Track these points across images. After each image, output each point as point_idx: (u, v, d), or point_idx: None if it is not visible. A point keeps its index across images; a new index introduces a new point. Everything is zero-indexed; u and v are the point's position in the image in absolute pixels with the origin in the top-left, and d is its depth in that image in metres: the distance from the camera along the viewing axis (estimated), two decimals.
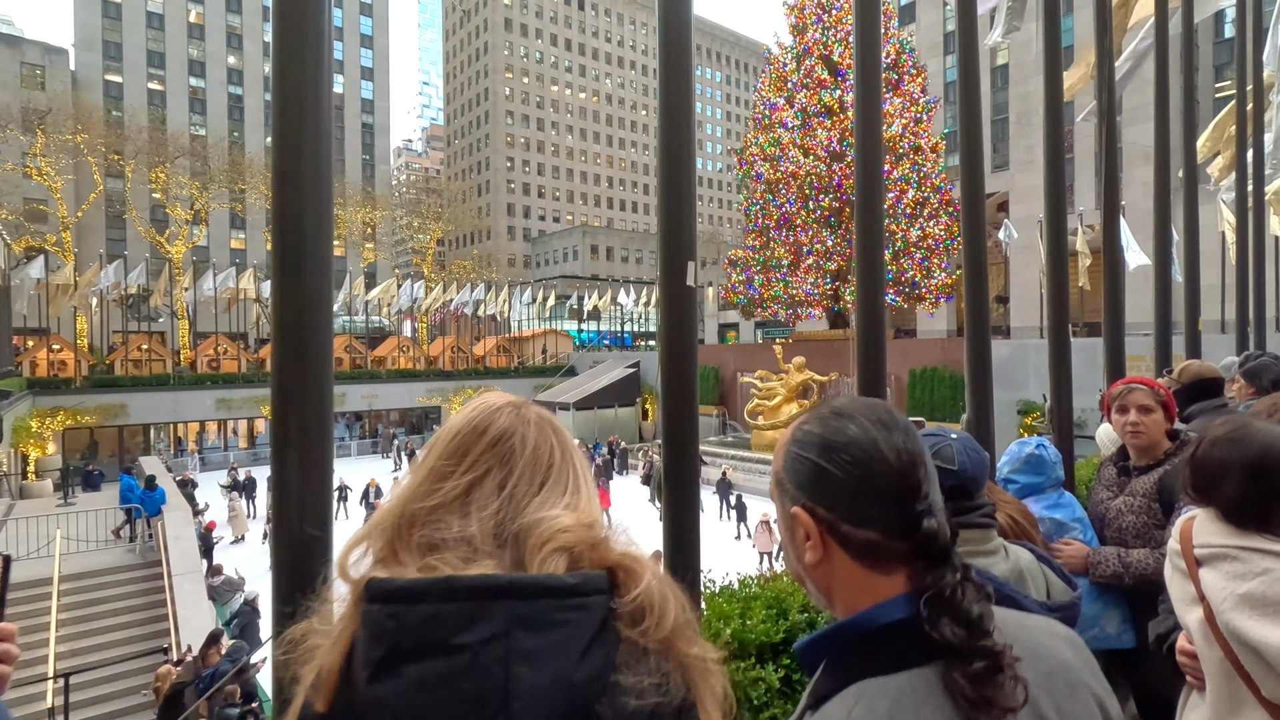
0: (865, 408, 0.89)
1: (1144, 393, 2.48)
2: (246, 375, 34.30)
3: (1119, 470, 2.64)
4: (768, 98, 32.14)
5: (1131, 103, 32.42)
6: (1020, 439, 2.52)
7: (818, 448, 0.86)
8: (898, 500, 0.82)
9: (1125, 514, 2.46)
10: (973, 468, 1.45)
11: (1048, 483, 2.48)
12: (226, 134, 59.01)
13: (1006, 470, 2.51)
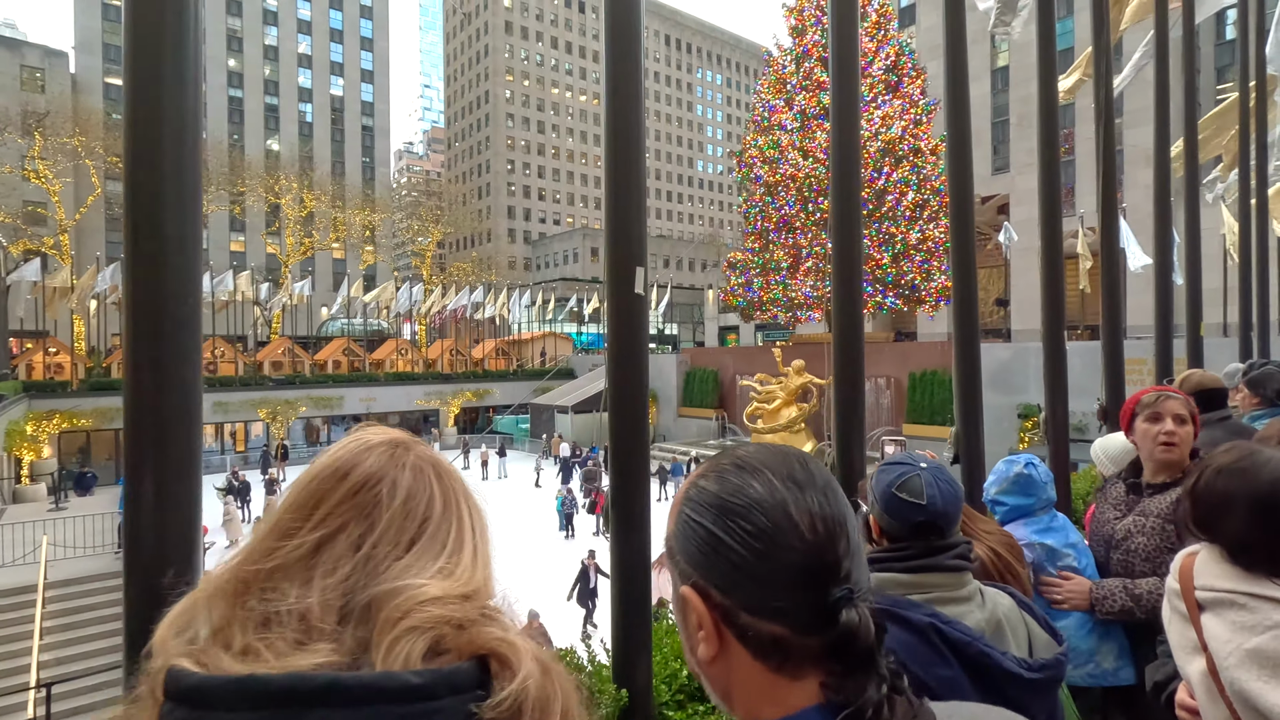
0: (776, 459, 0.71)
1: (1180, 402, 2.22)
2: (243, 378, 34.18)
3: (1129, 488, 2.40)
4: (767, 100, 32.02)
5: (1133, 104, 32.25)
6: (1008, 456, 2.34)
7: (713, 511, 0.68)
8: (811, 583, 0.64)
9: (1135, 535, 2.23)
10: (944, 502, 1.28)
11: (1038, 504, 2.28)
12: (226, 137, 59.02)
13: (993, 491, 2.33)
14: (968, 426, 2.81)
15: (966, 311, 2.85)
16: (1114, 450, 2.87)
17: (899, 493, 1.29)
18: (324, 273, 60.45)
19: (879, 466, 1.36)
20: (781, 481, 0.67)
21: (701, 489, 0.70)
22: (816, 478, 0.69)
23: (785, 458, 0.71)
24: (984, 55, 39.04)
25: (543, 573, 17.03)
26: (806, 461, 0.71)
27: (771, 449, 0.73)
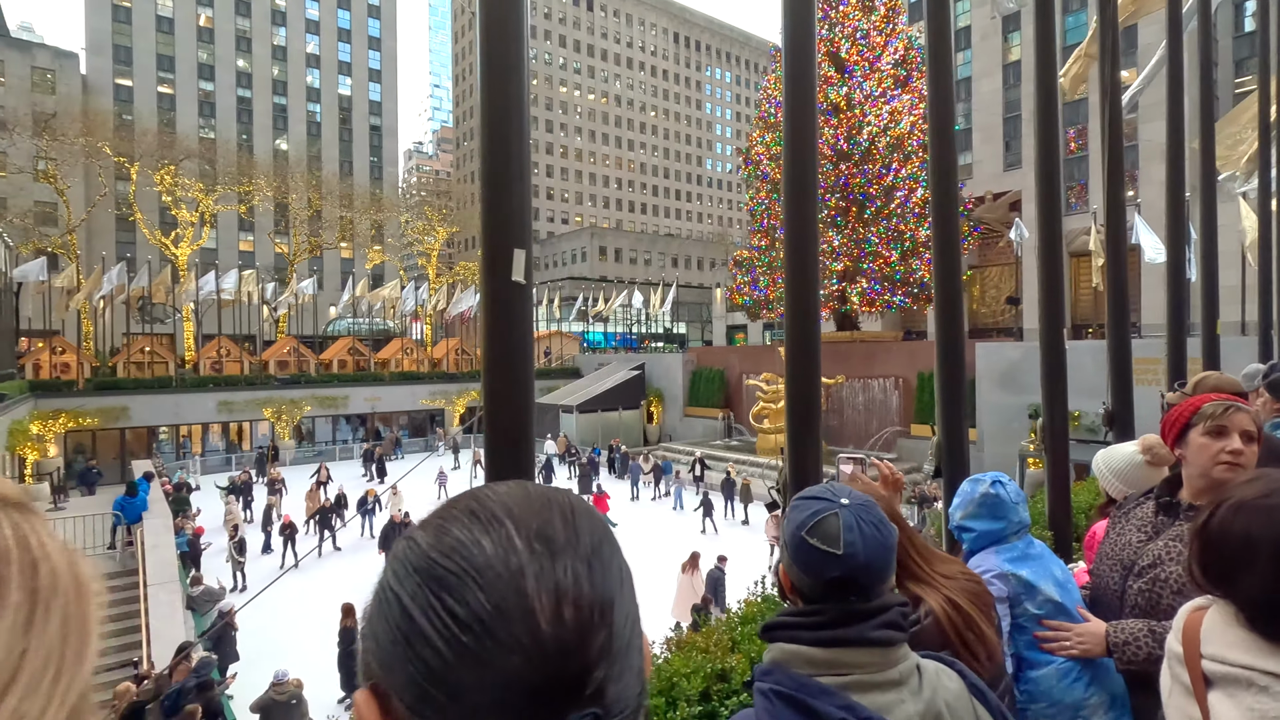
0: (529, 504, 0.50)
1: (1249, 416, 1.85)
2: (249, 378, 34.18)
3: (1161, 507, 2.01)
4: (773, 96, 31.64)
5: (1149, 98, 31.53)
6: (973, 476, 2.04)
7: (416, 579, 0.47)
8: (536, 706, 0.43)
9: (1166, 563, 1.86)
10: (868, 551, 0.98)
11: (1009, 529, 1.97)
12: (235, 137, 59.25)
13: (958, 516, 2.02)
14: (951, 436, 2.49)
15: (950, 311, 2.56)
16: (1117, 462, 2.56)
17: (810, 538, 1.00)
18: (332, 272, 60.57)
19: (792, 501, 1.06)
20: (526, 540, 0.47)
21: (412, 543, 0.49)
22: (582, 538, 0.49)
23: (544, 505, 0.51)
24: (995, 50, 38.44)
25: None
26: (575, 512, 0.51)
27: (532, 490, 0.53)
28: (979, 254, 39.25)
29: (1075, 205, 35.10)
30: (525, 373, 1.51)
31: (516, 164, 1.48)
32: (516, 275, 1.41)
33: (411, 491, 23.51)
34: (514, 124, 1.50)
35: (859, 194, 28.83)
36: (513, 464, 1.50)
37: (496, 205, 1.47)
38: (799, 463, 2.03)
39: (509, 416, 1.50)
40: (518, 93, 1.50)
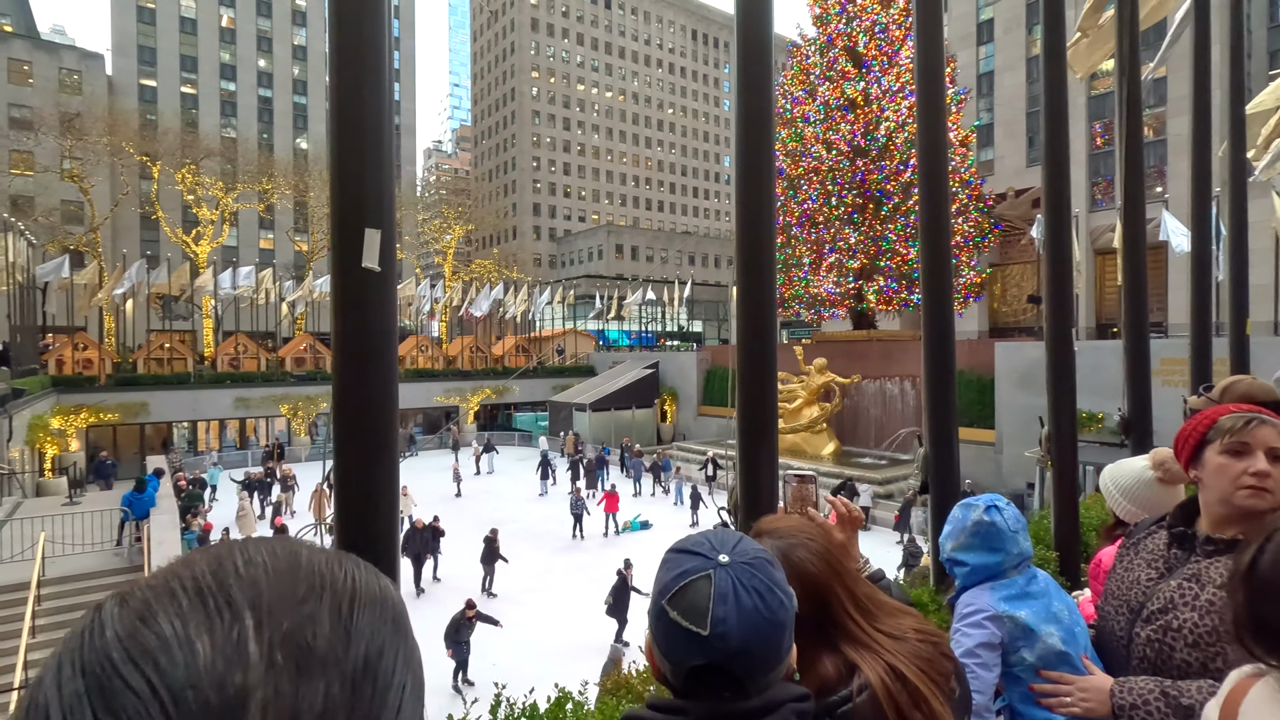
0: (280, 584, 0.36)
1: (1276, 430, 1.53)
2: (265, 374, 34.47)
3: (1175, 539, 1.67)
4: (790, 91, 31.22)
5: (1177, 91, 30.66)
6: (965, 500, 1.76)
7: (74, 692, 0.32)
8: None
9: (1180, 608, 1.52)
10: (744, 630, 0.74)
11: (1007, 562, 1.70)
12: (256, 136, 59.92)
13: (949, 547, 1.75)
14: (939, 447, 2.23)
15: (938, 304, 2.30)
16: (1126, 479, 2.27)
17: (671, 609, 0.76)
18: None
19: (665, 553, 0.83)
20: (267, 647, 0.33)
21: (96, 625, 0.35)
22: (354, 646, 0.36)
23: (314, 588, 0.37)
24: (1018, 44, 37.61)
25: (545, 576, 16.61)
26: (358, 601, 0.38)
27: (308, 559, 0.39)
28: (1000, 252, 38.46)
29: (1102, 201, 34.25)
30: (383, 373, 1.29)
31: (373, 134, 1.26)
32: (369, 260, 1.19)
33: (423, 489, 23.45)
34: (369, 92, 1.28)
35: (876, 190, 28.32)
36: (371, 481, 1.29)
37: (348, 180, 1.26)
38: (751, 479, 1.78)
39: (365, 425, 1.28)
40: (374, 57, 1.28)
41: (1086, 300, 33.37)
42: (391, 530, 1.33)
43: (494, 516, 21.76)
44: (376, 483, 1.27)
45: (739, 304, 1.98)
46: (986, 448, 23.23)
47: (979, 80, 39.88)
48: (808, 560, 0.99)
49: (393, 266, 1.29)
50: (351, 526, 1.28)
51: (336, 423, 1.30)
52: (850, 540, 1.31)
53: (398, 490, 1.31)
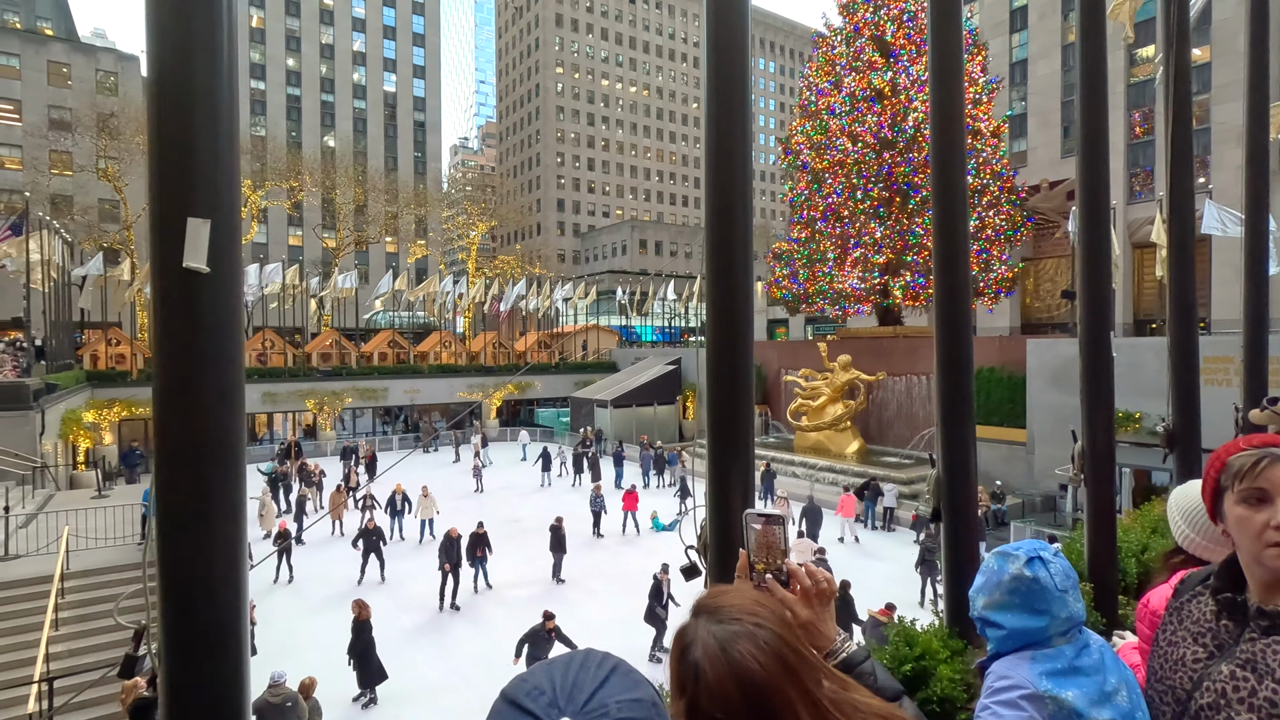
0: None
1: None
2: (292, 369, 34.93)
3: (1224, 607, 1.31)
4: (815, 83, 30.61)
5: (1223, 78, 29.39)
6: (1000, 548, 1.45)
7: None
8: None
9: (1234, 705, 1.19)
10: None
11: (1053, 627, 1.37)
12: (285, 134, 60.81)
13: (980, 603, 1.45)
14: (954, 467, 1.95)
15: (954, 308, 2.03)
16: (1190, 502, 1.93)
17: None
18: (377, 266, 61.67)
19: (496, 700, 0.58)
20: None
21: None
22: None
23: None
24: (1053, 31, 36.42)
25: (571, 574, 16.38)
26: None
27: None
28: (1034, 245, 37.40)
29: (1140, 193, 33.06)
30: (224, 407, 1.05)
31: (204, 93, 1.02)
32: (191, 258, 0.96)
33: (441, 487, 23.49)
34: (198, 38, 1.04)
35: (903, 183, 27.62)
36: (191, 493, 1.06)
37: (167, 149, 1.01)
38: (722, 513, 1.50)
39: (179, 426, 1.05)
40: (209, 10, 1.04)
41: (1124, 295, 32.26)
42: (234, 584, 1.09)
43: (514, 514, 21.73)
44: (213, 507, 1.04)
45: (709, 306, 1.71)
46: (1018, 448, 22.56)
47: (1011, 69, 38.75)
48: (751, 656, 0.75)
49: (235, 265, 1.06)
50: (177, 570, 1.06)
51: (158, 449, 1.08)
52: (820, 616, 1.05)
53: (245, 479, 1.11)
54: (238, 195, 1.07)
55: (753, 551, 1.08)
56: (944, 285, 2.06)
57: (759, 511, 1.11)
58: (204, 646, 1.13)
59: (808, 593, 1.06)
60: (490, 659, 11.62)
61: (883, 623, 10.69)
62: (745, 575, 1.10)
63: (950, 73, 2.33)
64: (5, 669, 10.11)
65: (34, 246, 23.67)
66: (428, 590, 14.67)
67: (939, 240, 2.13)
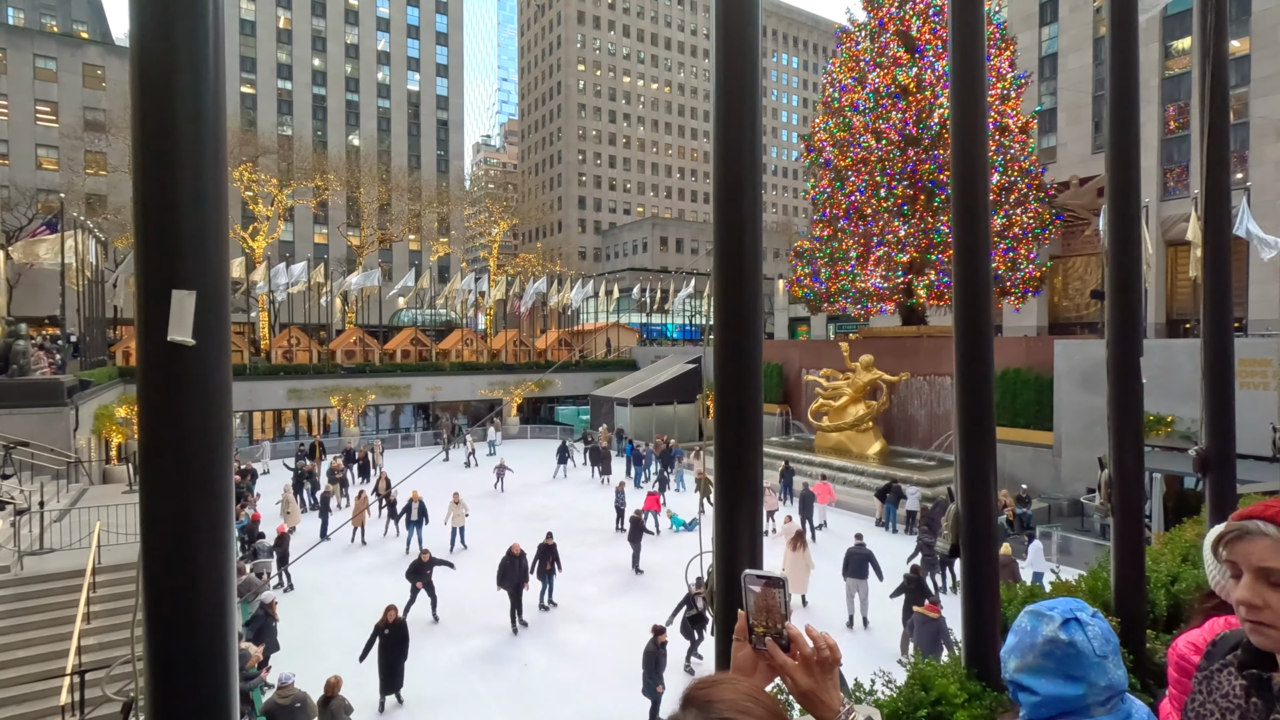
0: None
1: (1272, 544, 1.13)
2: (317, 366, 35.43)
3: (1252, 684, 1.21)
4: (839, 79, 30.22)
5: (1262, 70, 28.49)
6: (1034, 607, 1.35)
7: None
8: None
9: None
10: None
11: (1091, 696, 1.28)
12: (310, 133, 61.65)
13: (1012, 666, 1.36)
14: (973, 501, 1.87)
15: (976, 315, 1.95)
16: None
17: None
18: (400, 264, 62.32)
19: None
20: None
21: None
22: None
23: None
24: (1084, 24, 35.58)
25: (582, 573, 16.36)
26: None
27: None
28: (1063, 243, 36.61)
29: (1174, 190, 32.20)
30: (210, 503, 0.99)
31: (189, 152, 0.98)
32: (176, 331, 0.93)
33: (465, 488, 23.64)
34: (184, 90, 0.99)
35: (928, 181, 27.18)
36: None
37: (151, 211, 0.96)
38: (731, 541, 1.42)
39: (180, 586, 1.00)
40: (197, 57, 1.00)
41: (1156, 295, 31.46)
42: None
43: (540, 512, 21.84)
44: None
45: (716, 313, 1.65)
46: (1044, 450, 22.13)
47: (1041, 63, 37.93)
48: None
49: (225, 334, 1.02)
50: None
51: (146, 535, 1.04)
52: (821, 684, 1.00)
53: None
54: (226, 264, 1.04)
55: (751, 614, 1.04)
56: (964, 296, 1.99)
57: (758, 573, 1.06)
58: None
59: (808, 659, 1.01)
60: (579, 688, 10.89)
61: (931, 618, 10.47)
62: (744, 638, 1.06)
63: (972, 74, 2.26)
64: (40, 660, 10.38)
65: (69, 245, 24.26)
66: (475, 605, 13.84)
67: (959, 246, 2.06)
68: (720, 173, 1.67)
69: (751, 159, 1.68)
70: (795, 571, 13.40)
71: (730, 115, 1.66)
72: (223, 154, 1.04)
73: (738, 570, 1.39)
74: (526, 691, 10.86)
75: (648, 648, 9.65)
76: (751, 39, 1.71)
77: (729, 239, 1.59)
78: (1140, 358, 2.26)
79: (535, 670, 11.52)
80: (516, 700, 10.63)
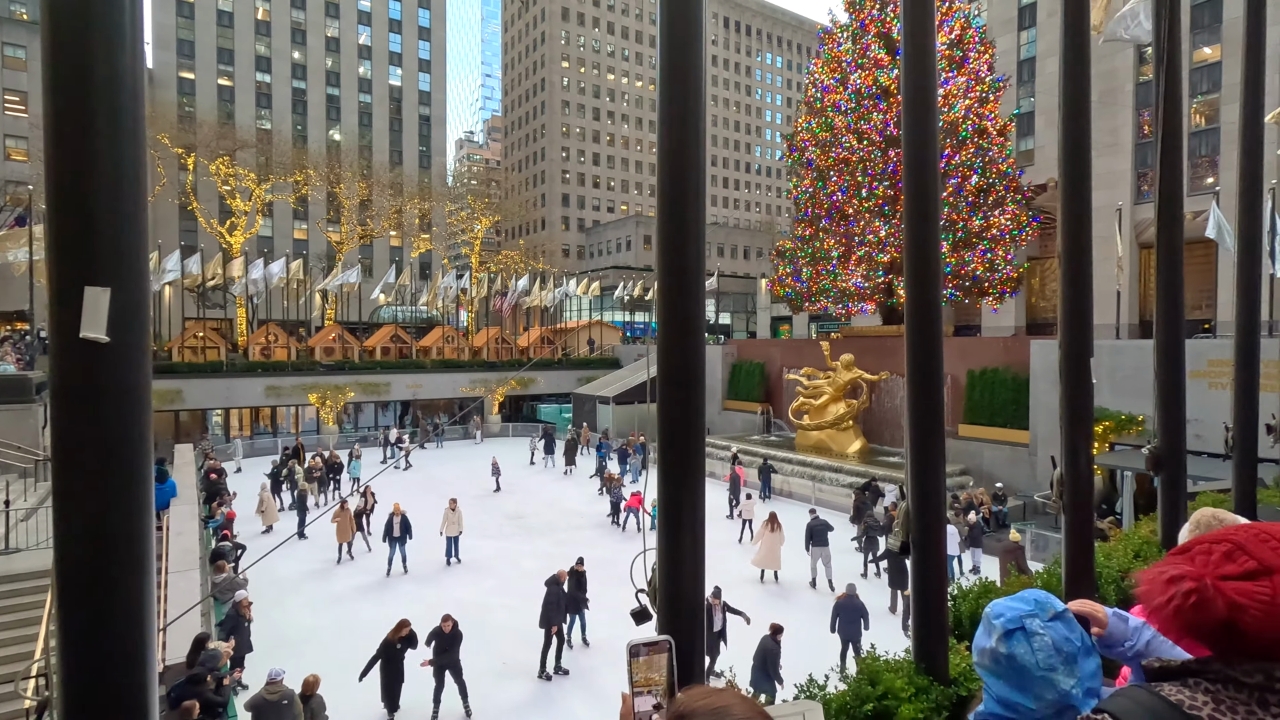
0: None
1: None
2: (295, 363, 35.02)
3: None
4: (821, 80, 30.40)
5: (1232, 76, 29.06)
6: (990, 607, 1.30)
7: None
8: None
9: None
10: None
11: (1041, 709, 1.22)
12: (290, 127, 60.84)
13: (975, 658, 1.35)
14: (924, 500, 1.89)
15: (924, 305, 1.97)
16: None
17: None
18: (381, 261, 61.75)
19: None
20: None
21: None
22: None
23: None
24: (1058, 29, 36.08)
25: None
26: None
27: None
28: (1039, 244, 37.13)
29: (1147, 194, 32.78)
30: (129, 504, 0.97)
31: (107, 143, 0.94)
32: (89, 328, 0.90)
33: (458, 489, 23.46)
34: (98, 73, 0.96)
35: None
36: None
37: (65, 205, 0.93)
38: (674, 549, 1.41)
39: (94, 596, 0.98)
40: (114, 51, 0.97)
41: (1130, 296, 32.02)
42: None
43: (522, 509, 21.78)
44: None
45: (659, 326, 1.61)
46: (1021, 449, 22.46)
47: (1020, 66, 38.43)
48: None
49: (145, 332, 0.99)
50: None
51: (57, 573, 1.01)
52: None
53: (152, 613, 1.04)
54: (145, 259, 1.00)
55: (635, 682, 1.02)
56: (915, 301, 2.01)
57: (643, 641, 1.05)
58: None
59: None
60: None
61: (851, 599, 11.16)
62: (630, 718, 1.03)
63: (923, 84, 2.28)
64: (6, 662, 10.17)
65: (39, 238, 23.75)
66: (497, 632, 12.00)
67: (911, 254, 2.08)
68: (665, 178, 1.66)
69: (695, 164, 1.67)
70: (771, 549, 14.81)
71: (674, 123, 1.65)
72: (142, 145, 1.00)
73: (682, 567, 1.38)
74: None
75: (764, 644, 9.28)
76: (695, 57, 1.70)
77: (671, 251, 1.58)
78: (1091, 358, 2.31)
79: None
80: None
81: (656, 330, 1.57)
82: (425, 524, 17.13)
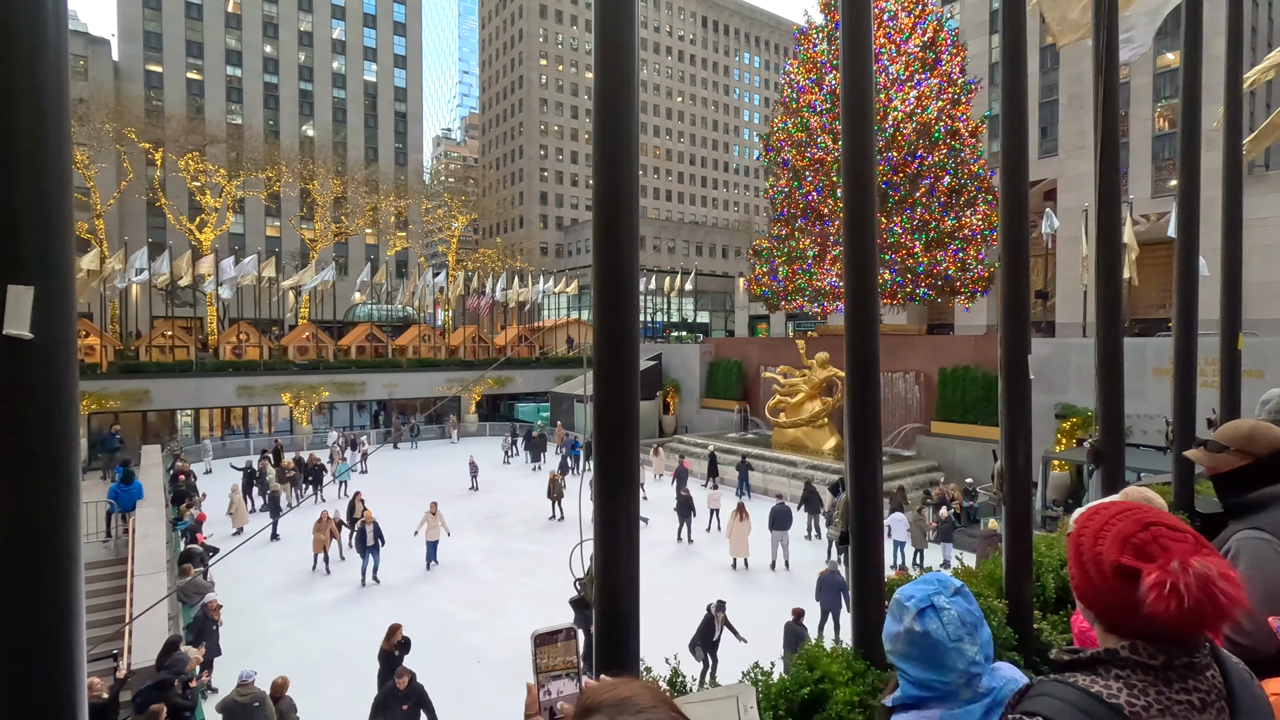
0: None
1: None
2: (268, 363, 34.49)
3: None
4: (796, 80, 30.68)
5: (1207, 79, 29.85)
6: (898, 594, 1.40)
7: None
8: None
9: None
10: None
11: (955, 680, 1.32)
12: (262, 123, 59.82)
13: (888, 648, 1.42)
14: (862, 492, 1.97)
15: (862, 305, 2.04)
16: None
17: None
18: (356, 259, 61.04)
19: None
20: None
21: None
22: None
23: None
24: (1032, 32, 36.68)
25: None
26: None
27: None
28: None
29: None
30: (54, 500, 0.97)
31: (26, 128, 0.94)
32: (12, 325, 0.90)
33: (436, 490, 23.28)
34: (20, 63, 0.95)
35: (882, 182, 27.80)
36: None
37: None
38: (609, 539, 1.46)
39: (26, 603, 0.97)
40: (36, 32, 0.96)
41: (1095, 295, 32.77)
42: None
43: (499, 509, 21.70)
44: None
45: (595, 325, 1.64)
46: (992, 445, 22.88)
47: (991, 69, 39.10)
48: None
49: (70, 329, 0.99)
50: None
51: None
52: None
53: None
54: (70, 253, 1.00)
55: (541, 671, 1.05)
56: (854, 293, 2.07)
57: (545, 630, 1.07)
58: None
59: None
60: None
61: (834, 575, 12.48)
62: (535, 712, 1.06)
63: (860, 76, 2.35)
64: None
65: None
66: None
67: (849, 249, 2.15)
68: (599, 182, 1.70)
69: (629, 163, 1.71)
70: (740, 539, 16.00)
71: (608, 124, 1.69)
72: (66, 134, 1.00)
73: (618, 558, 1.43)
74: None
75: (789, 628, 10.29)
76: (628, 62, 1.73)
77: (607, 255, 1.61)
78: (1029, 354, 2.39)
79: None
80: None
81: (594, 325, 1.61)
82: (402, 526, 16.92)
